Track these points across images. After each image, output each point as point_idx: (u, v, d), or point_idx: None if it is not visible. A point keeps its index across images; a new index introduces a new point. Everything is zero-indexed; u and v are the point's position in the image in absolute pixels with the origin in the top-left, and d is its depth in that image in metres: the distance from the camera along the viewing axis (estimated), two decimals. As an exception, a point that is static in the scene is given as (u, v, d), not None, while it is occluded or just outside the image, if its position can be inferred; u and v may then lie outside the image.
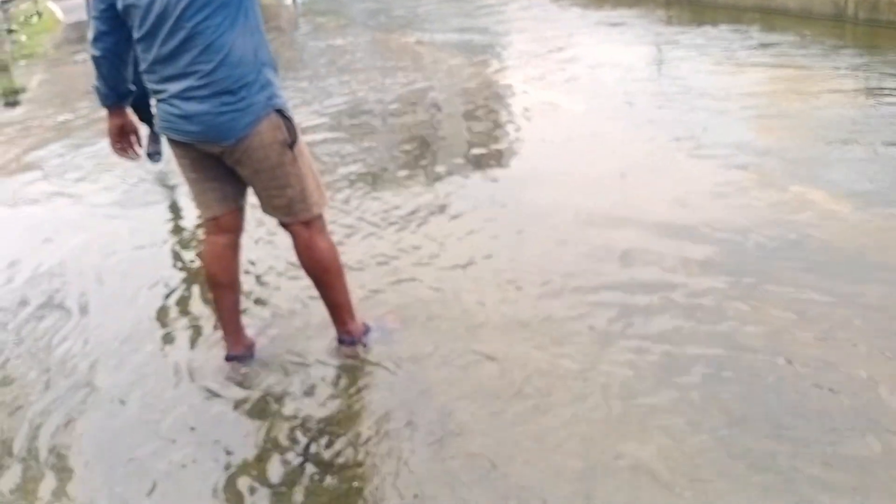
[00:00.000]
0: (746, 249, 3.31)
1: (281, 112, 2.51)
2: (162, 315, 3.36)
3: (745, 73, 6.47)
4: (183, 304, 3.43)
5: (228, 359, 2.92)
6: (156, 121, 2.63)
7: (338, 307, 2.87)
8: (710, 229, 3.49)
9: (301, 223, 2.68)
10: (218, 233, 2.76)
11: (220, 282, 2.82)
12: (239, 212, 2.77)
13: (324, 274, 2.79)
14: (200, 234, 3.12)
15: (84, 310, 3.44)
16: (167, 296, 3.51)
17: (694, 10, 9.92)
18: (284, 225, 2.75)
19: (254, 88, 2.45)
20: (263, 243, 3.84)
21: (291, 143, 2.53)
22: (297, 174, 2.59)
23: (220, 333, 2.98)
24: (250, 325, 3.06)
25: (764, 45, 7.43)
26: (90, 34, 2.53)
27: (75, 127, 6.96)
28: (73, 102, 7.84)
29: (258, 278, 3.56)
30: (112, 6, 2.43)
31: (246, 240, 2.92)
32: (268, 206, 2.70)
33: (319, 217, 2.72)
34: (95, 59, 2.55)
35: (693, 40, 8.01)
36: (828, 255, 3.20)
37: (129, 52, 2.55)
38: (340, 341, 2.92)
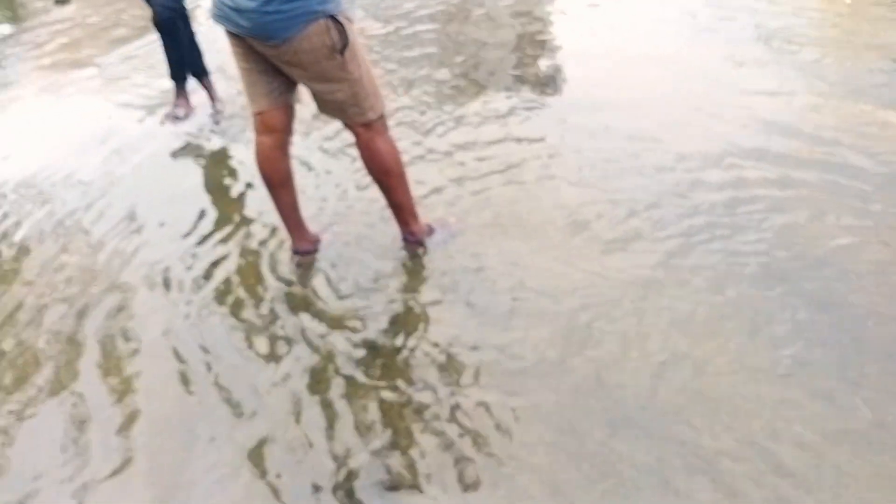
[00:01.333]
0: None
1: (333, 17, 2.47)
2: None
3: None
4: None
5: (295, 252, 3.04)
6: (212, 9, 2.60)
7: (400, 208, 2.93)
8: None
9: (360, 125, 2.71)
10: (265, 132, 2.77)
11: (272, 181, 2.86)
12: (287, 109, 2.76)
13: (384, 176, 2.83)
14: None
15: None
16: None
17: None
18: (345, 125, 2.79)
19: None
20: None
21: (343, 47, 2.50)
22: (349, 79, 2.58)
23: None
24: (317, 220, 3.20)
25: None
26: None
27: (125, 26, 6.96)
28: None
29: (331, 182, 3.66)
30: None
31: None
32: (322, 107, 2.73)
33: (379, 119, 2.73)
34: None
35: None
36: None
37: None
38: (404, 239, 3.02)
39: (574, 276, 2.71)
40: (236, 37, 2.58)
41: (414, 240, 3.00)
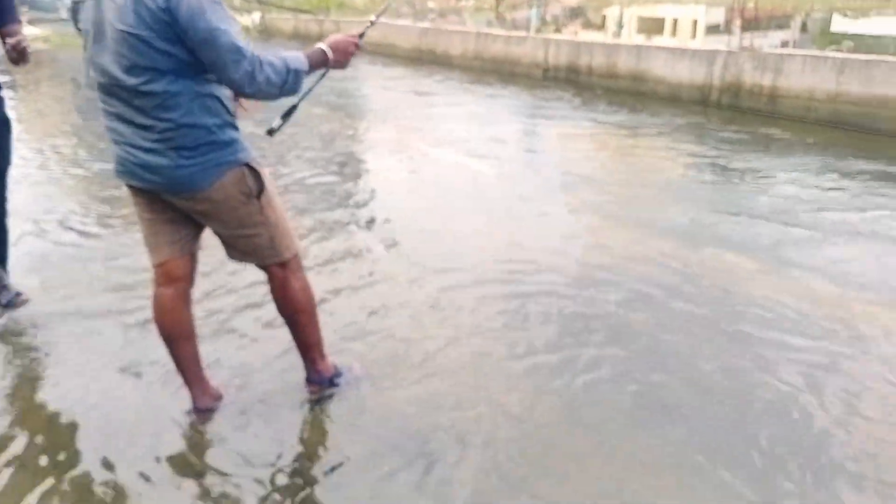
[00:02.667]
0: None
1: (248, 165, 2.46)
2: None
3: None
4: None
5: (195, 411, 2.78)
6: (114, 165, 2.49)
7: (309, 347, 2.85)
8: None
9: (276, 265, 2.65)
10: (167, 283, 2.61)
11: (174, 335, 2.67)
12: (191, 257, 2.63)
13: (296, 314, 2.75)
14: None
15: None
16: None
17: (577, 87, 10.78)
18: (259, 267, 2.70)
19: (215, 146, 2.39)
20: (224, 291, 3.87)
21: (258, 193, 2.49)
22: (266, 222, 2.55)
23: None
24: (217, 374, 2.97)
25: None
26: None
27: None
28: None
29: (225, 326, 3.48)
30: None
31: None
32: (234, 253, 2.65)
33: (294, 258, 2.67)
34: None
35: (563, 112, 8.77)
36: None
37: None
38: (309, 381, 2.92)
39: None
40: (140, 191, 2.49)
41: (320, 379, 2.89)
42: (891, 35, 15.23)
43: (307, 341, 2.83)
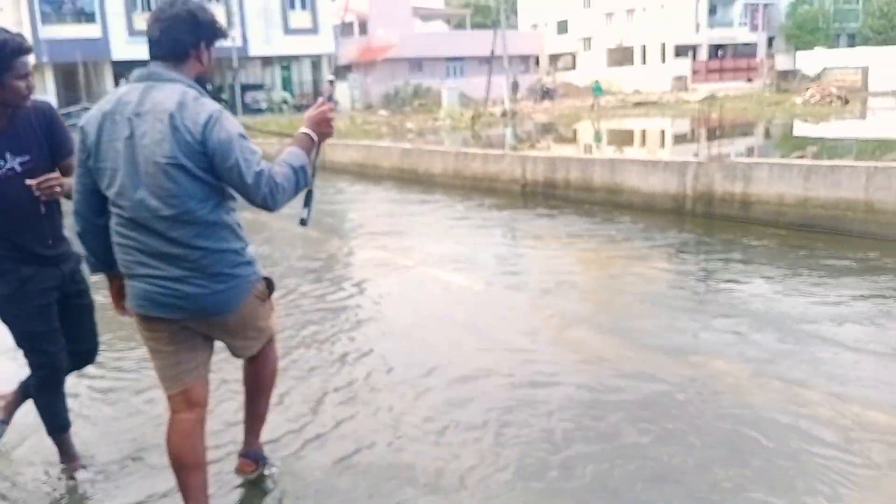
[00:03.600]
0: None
1: (266, 278, 2.81)
2: None
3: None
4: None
5: None
6: (130, 300, 2.63)
7: (259, 419, 3.13)
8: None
9: (265, 344, 2.96)
10: (187, 409, 2.69)
11: (187, 463, 2.71)
12: (207, 382, 2.78)
13: (267, 388, 3.08)
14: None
15: None
16: None
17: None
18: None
19: (243, 266, 2.63)
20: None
21: (270, 294, 2.86)
22: (269, 314, 2.92)
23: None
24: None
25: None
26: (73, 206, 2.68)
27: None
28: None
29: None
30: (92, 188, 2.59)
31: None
32: (245, 351, 2.91)
33: (273, 334, 3.02)
34: (78, 234, 2.71)
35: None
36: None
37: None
38: (245, 456, 3.14)
39: None
40: (162, 322, 2.59)
41: (257, 455, 3.17)
42: (849, 138, 16.02)
43: (262, 411, 3.12)
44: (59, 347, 3.16)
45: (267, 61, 42.88)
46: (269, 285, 2.83)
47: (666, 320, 5.27)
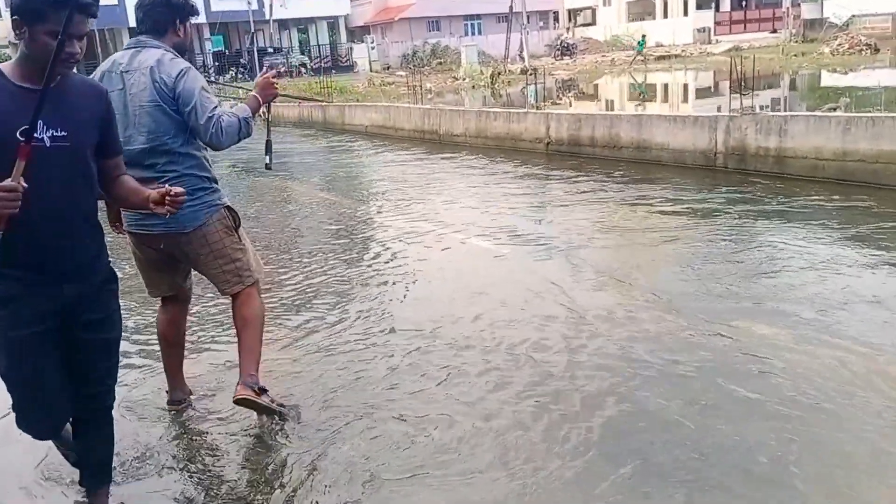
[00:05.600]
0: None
1: (228, 208, 3.38)
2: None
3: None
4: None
5: (170, 403, 3.68)
6: (126, 225, 3.28)
7: (251, 352, 3.46)
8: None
9: (247, 288, 3.43)
10: (169, 303, 3.56)
11: (170, 342, 3.59)
12: (186, 289, 3.59)
13: (252, 324, 3.45)
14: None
15: None
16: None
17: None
18: (232, 294, 3.44)
19: (204, 192, 3.27)
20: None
21: (236, 227, 3.41)
22: (244, 249, 3.45)
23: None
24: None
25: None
26: None
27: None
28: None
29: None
30: None
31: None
32: (220, 283, 3.42)
33: (257, 281, 3.51)
34: None
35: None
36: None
37: None
38: (243, 383, 3.39)
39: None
40: (144, 245, 3.33)
41: (252, 381, 3.37)
42: (881, 87, 15.50)
43: (252, 347, 3.49)
44: (44, 413, 2.62)
45: (283, 24, 42.44)
46: (235, 217, 3.42)
47: (702, 282, 5.09)
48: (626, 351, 4.04)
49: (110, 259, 2.66)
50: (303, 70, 38.55)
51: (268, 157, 3.55)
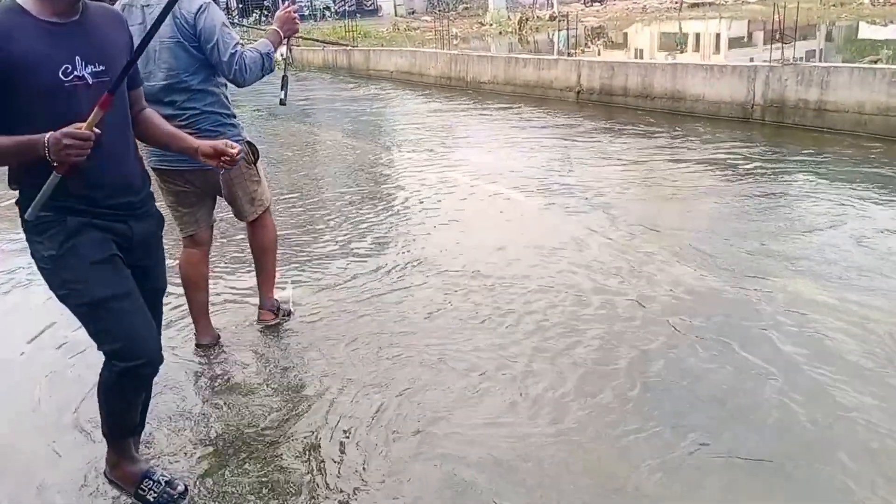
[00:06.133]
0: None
1: (248, 142, 3.55)
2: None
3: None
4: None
5: (198, 345, 3.72)
6: (150, 161, 3.30)
7: (270, 276, 3.88)
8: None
9: (260, 214, 3.70)
10: (194, 246, 3.60)
11: (192, 283, 3.63)
12: (210, 229, 3.66)
13: (269, 249, 3.81)
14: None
15: None
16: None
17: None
18: (249, 221, 3.71)
19: (226, 127, 3.39)
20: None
21: (255, 160, 3.62)
22: (260, 181, 3.67)
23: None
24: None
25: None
26: None
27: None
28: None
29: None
30: None
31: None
32: (238, 210, 3.66)
33: (268, 208, 3.77)
34: None
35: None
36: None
37: None
38: (263, 307, 3.91)
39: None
40: (170, 181, 3.44)
41: (273, 306, 3.91)
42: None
43: (270, 271, 3.87)
44: (140, 324, 2.36)
45: (307, -35, 41.70)
46: (254, 151, 3.59)
47: (742, 239, 4.95)
48: (658, 303, 3.95)
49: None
50: (327, 14, 37.98)
51: (283, 93, 3.58)
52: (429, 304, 4.16)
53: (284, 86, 3.58)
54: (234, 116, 3.49)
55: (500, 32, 28.61)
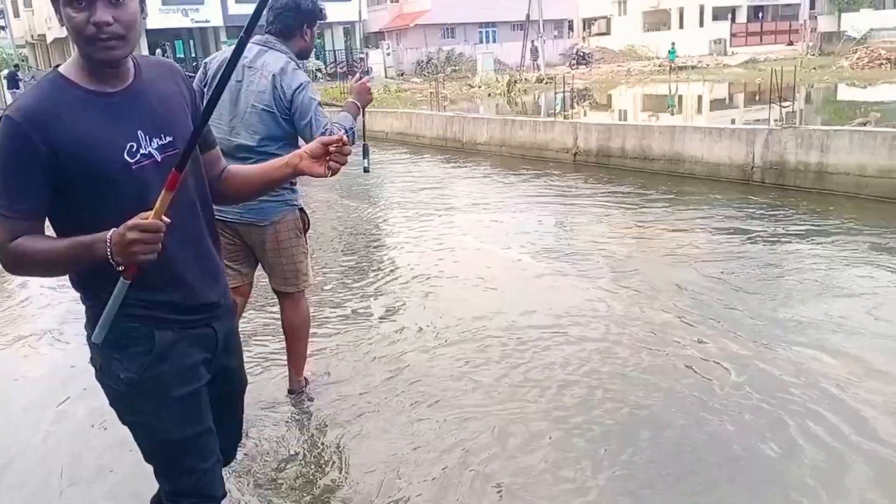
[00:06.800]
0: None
1: (302, 210, 3.54)
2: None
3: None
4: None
5: None
6: None
7: (300, 358, 3.81)
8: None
9: (298, 291, 3.62)
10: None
11: None
12: (249, 285, 3.66)
13: (300, 329, 3.71)
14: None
15: None
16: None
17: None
18: (283, 294, 3.62)
19: (286, 190, 3.41)
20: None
21: (305, 230, 3.58)
22: (305, 254, 3.60)
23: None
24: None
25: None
26: None
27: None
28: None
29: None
30: None
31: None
32: (278, 279, 3.57)
33: (306, 289, 3.68)
34: None
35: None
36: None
37: None
38: (291, 391, 3.85)
39: None
40: (222, 225, 3.22)
41: (299, 386, 3.84)
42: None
43: (300, 353, 3.80)
44: (214, 462, 2.04)
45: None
46: (306, 220, 3.58)
47: (748, 305, 4.90)
48: (662, 372, 3.86)
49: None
50: (318, 75, 38.49)
51: (366, 161, 3.59)
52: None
53: (366, 154, 3.59)
54: (296, 182, 3.49)
55: (489, 94, 29.07)
